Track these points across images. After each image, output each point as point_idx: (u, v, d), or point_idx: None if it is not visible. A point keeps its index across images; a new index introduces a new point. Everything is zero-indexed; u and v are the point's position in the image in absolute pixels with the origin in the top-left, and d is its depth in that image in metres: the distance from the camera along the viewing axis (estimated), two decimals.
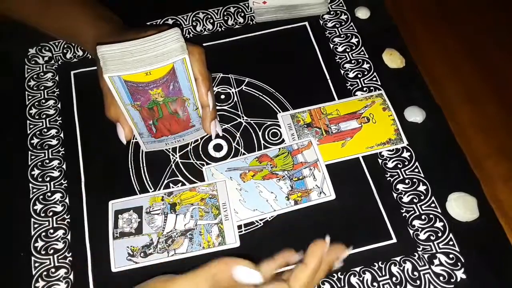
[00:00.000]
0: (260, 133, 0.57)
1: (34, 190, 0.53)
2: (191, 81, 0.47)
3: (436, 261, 0.48)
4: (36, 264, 0.49)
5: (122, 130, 0.51)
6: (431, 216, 0.50)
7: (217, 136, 0.56)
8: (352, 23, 0.64)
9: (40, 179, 0.54)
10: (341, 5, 0.66)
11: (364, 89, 0.59)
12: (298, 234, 0.50)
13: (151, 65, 0.44)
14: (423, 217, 0.50)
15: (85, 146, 0.56)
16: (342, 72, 0.60)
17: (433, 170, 0.53)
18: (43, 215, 0.52)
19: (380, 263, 0.48)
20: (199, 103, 0.51)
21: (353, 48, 0.62)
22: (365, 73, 0.60)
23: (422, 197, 0.51)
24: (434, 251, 0.48)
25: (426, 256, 0.48)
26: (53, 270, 0.49)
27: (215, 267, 0.39)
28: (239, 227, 0.50)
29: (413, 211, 0.51)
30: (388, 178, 0.53)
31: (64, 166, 0.55)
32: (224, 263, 0.39)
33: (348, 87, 0.59)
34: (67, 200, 0.53)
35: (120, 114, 0.49)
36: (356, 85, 0.59)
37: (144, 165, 0.55)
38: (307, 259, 0.40)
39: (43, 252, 0.50)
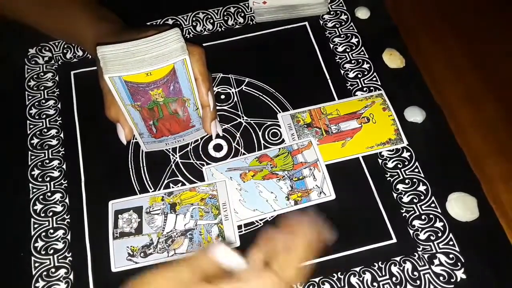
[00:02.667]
0: (260, 133, 0.57)
1: (34, 190, 0.53)
2: (191, 82, 0.47)
3: (436, 261, 0.48)
4: (36, 264, 0.49)
5: (122, 130, 0.51)
6: (431, 216, 0.50)
7: (217, 136, 0.56)
8: (352, 23, 0.64)
9: (40, 179, 0.54)
10: (341, 5, 0.66)
11: (364, 89, 0.59)
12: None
13: (151, 65, 0.44)
14: (423, 217, 0.50)
15: (85, 146, 0.56)
16: (342, 72, 0.60)
17: (433, 170, 0.53)
18: (43, 215, 0.52)
19: (380, 263, 0.48)
20: (200, 103, 0.51)
21: (353, 48, 0.62)
22: (365, 73, 0.60)
23: (422, 197, 0.51)
24: (434, 251, 0.48)
25: (426, 256, 0.48)
26: (53, 270, 0.49)
27: (198, 257, 0.36)
28: (239, 227, 0.50)
29: (413, 211, 0.51)
30: (388, 178, 0.53)
31: (64, 166, 0.55)
32: (206, 251, 0.36)
33: (348, 87, 0.59)
34: (67, 200, 0.53)
35: (120, 114, 0.49)
36: (356, 85, 0.59)
37: (144, 165, 0.55)
38: (291, 242, 0.37)
39: (43, 252, 0.50)
